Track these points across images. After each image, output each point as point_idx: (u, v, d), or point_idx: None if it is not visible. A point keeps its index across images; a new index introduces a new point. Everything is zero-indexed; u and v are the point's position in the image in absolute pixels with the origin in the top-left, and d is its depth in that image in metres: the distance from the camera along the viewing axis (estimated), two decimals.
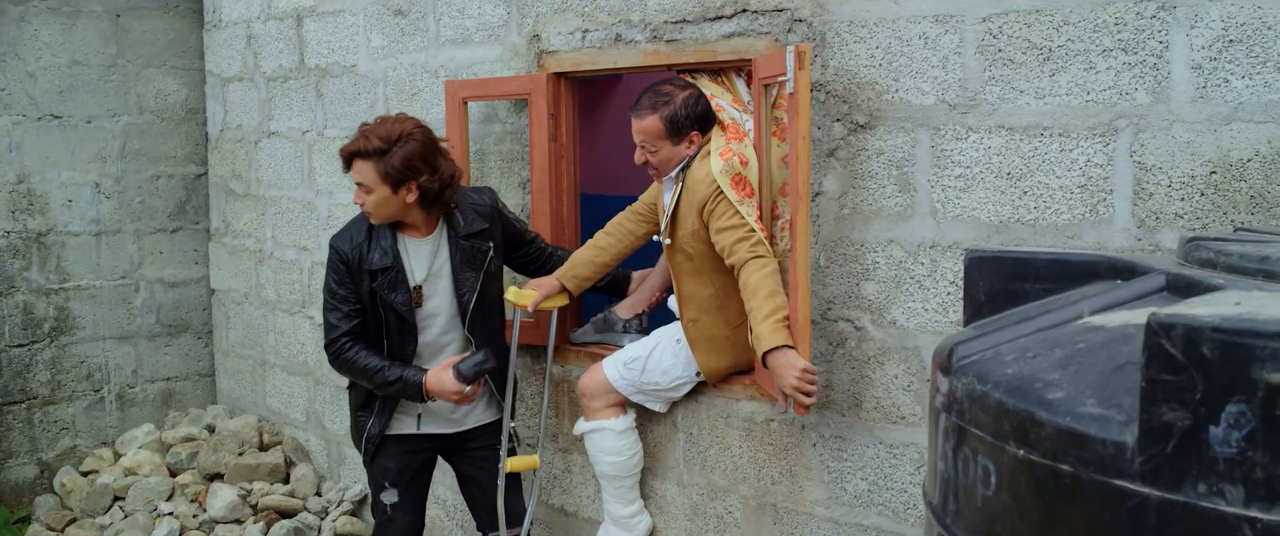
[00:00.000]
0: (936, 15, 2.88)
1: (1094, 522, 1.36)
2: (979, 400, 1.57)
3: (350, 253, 3.28)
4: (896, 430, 3.06)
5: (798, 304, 2.97)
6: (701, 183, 3.20)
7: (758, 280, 3.02)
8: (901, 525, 3.09)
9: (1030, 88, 2.74)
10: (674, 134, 3.28)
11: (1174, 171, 2.53)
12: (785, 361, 2.91)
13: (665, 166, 3.35)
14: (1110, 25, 2.60)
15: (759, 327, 2.97)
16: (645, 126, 3.29)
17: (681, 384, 3.44)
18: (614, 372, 3.45)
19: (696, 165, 3.26)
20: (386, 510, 3.51)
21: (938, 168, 2.92)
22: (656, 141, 3.29)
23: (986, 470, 1.54)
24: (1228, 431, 1.23)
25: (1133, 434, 1.33)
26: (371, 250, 3.28)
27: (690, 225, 3.26)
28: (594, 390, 3.51)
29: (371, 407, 3.43)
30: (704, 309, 3.31)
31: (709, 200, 3.16)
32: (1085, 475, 1.37)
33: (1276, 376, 1.20)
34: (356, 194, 3.24)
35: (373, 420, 3.42)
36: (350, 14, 4.74)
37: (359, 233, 3.32)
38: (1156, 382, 1.28)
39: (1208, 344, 1.24)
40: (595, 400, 3.51)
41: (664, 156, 3.32)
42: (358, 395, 3.48)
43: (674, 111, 3.26)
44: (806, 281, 2.97)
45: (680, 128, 3.27)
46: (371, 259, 3.27)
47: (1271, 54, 2.38)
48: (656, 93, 3.32)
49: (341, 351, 3.31)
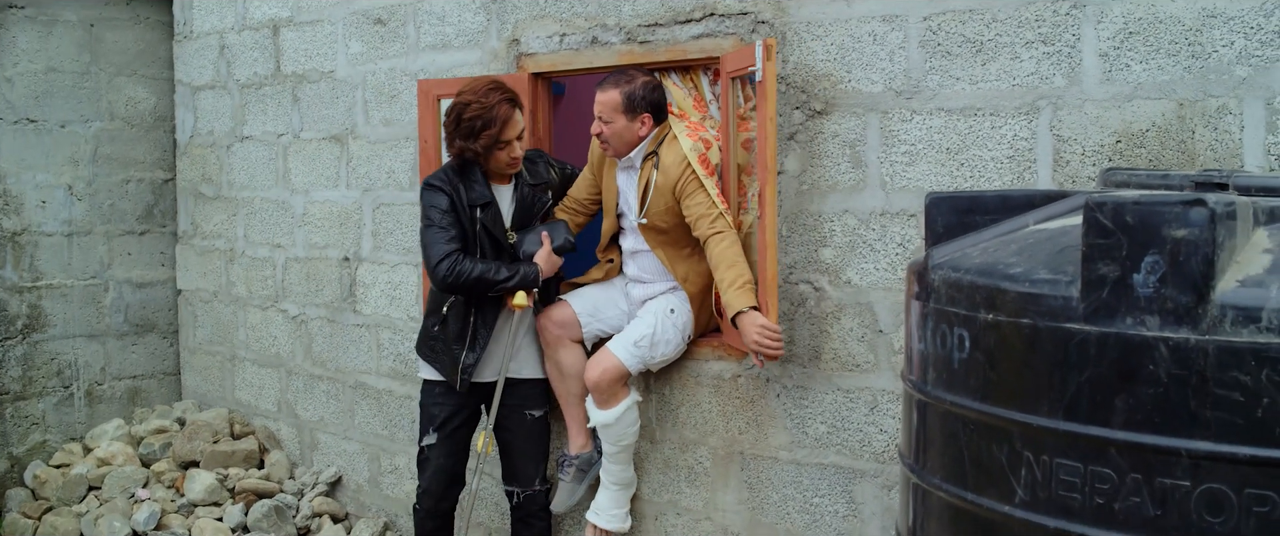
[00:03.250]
0: (884, 15, 3.36)
1: (1049, 359, 1.81)
2: (954, 284, 2.01)
3: (450, 189, 3.73)
4: (852, 377, 3.50)
5: (766, 265, 3.41)
6: (675, 164, 3.63)
7: (720, 252, 3.50)
8: (857, 461, 3.52)
9: (965, 75, 3.22)
10: (629, 110, 3.68)
11: (1086, 142, 3.03)
12: (749, 321, 3.37)
13: (615, 140, 3.73)
14: (1032, 21, 3.10)
15: (727, 295, 3.43)
16: (606, 98, 3.70)
17: (679, 349, 3.82)
18: (626, 355, 3.72)
19: (667, 150, 3.69)
20: (424, 451, 3.96)
21: (886, 146, 3.39)
22: (613, 113, 3.69)
23: (961, 337, 1.98)
24: (1146, 276, 1.69)
25: (1076, 288, 1.78)
26: (470, 189, 3.74)
27: (663, 203, 3.68)
28: (608, 378, 3.72)
29: (465, 340, 3.81)
30: (691, 268, 3.73)
31: (682, 179, 3.60)
32: (1042, 324, 1.81)
33: (1180, 231, 1.65)
34: None
35: (466, 352, 3.82)
36: (329, 24, 5.07)
37: (453, 174, 3.77)
38: (1094, 246, 1.73)
39: (1130, 214, 1.70)
40: (601, 389, 3.74)
41: (616, 129, 3.71)
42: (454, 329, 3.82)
43: (633, 90, 3.69)
44: (774, 245, 3.41)
45: (635, 105, 3.68)
46: (474, 194, 3.73)
47: (1164, 43, 2.90)
48: (621, 73, 3.76)
49: (457, 263, 3.66)
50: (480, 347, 3.83)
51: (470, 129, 3.65)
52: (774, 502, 3.71)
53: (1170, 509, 1.68)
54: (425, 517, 4.08)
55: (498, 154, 3.73)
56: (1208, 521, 1.65)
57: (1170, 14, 2.88)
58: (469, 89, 3.69)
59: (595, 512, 3.96)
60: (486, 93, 3.67)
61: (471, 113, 3.64)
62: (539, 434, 4.00)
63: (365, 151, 4.94)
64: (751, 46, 3.43)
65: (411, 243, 4.69)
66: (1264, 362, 1.61)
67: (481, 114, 3.63)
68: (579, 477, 4.03)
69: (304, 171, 5.26)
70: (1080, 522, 1.77)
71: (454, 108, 3.69)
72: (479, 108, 3.64)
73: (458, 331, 3.84)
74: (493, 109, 3.64)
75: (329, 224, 5.14)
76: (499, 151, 3.72)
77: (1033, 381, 1.83)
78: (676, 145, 3.67)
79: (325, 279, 5.18)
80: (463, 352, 3.84)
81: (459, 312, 3.84)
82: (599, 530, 3.96)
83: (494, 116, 3.63)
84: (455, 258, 3.67)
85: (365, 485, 5.10)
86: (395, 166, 4.80)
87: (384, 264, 4.89)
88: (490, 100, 3.65)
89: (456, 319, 3.84)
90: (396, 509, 4.95)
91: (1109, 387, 1.73)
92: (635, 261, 3.93)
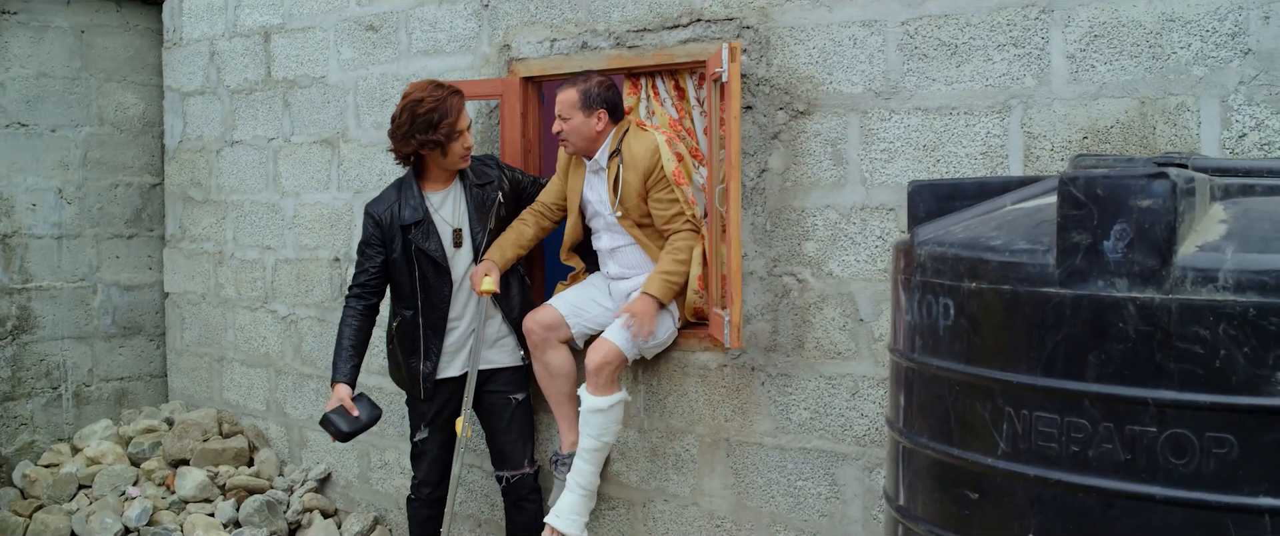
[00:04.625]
0: (863, 20, 3.55)
1: (1028, 321, 1.98)
2: (939, 257, 2.18)
3: (384, 215, 3.95)
4: (834, 364, 3.67)
5: (732, 255, 3.60)
6: (644, 155, 3.82)
7: (671, 247, 3.85)
8: (839, 444, 3.68)
9: (941, 77, 3.41)
10: (586, 106, 3.88)
11: (1055, 138, 3.23)
12: (644, 302, 3.76)
13: (574, 136, 3.93)
14: (1003, 25, 3.29)
15: (649, 278, 3.78)
16: (564, 97, 3.92)
17: (671, 334, 3.98)
18: (623, 341, 3.85)
19: (632, 142, 3.87)
20: (417, 446, 4.17)
21: (866, 144, 3.57)
22: (571, 110, 3.90)
23: (947, 306, 2.15)
24: (1115, 243, 1.86)
25: (1052, 256, 1.95)
26: (403, 208, 3.93)
27: (634, 194, 3.86)
28: (607, 364, 3.84)
29: (419, 352, 4.02)
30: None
31: (654, 171, 3.80)
32: (1021, 289, 1.99)
33: (1145, 202, 1.83)
34: None
35: (422, 362, 4.02)
36: (320, 30, 5.21)
37: (393, 194, 3.98)
38: (1068, 216, 1.91)
39: (1100, 186, 1.88)
40: (603, 374, 3.85)
41: (575, 125, 3.90)
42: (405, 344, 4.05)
43: (588, 87, 3.90)
44: (739, 236, 3.60)
45: (591, 102, 3.89)
46: (405, 214, 3.92)
47: (1127, 45, 3.10)
48: (577, 76, 3.98)
49: (345, 304, 4.04)
50: (435, 354, 4.03)
51: (428, 122, 3.85)
52: (759, 487, 3.86)
53: (1139, 453, 1.85)
54: (421, 506, 4.24)
55: (453, 145, 3.93)
56: (1173, 463, 1.83)
57: (1132, 18, 3.09)
58: (416, 89, 3.91)
59: (556, 515, 4.01)
60: (434, 88, 3.90)
61: (426, 107, 3.85)
62: (523, 417, 4.17)
63: (356, 154, 5.07)
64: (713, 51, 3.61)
65: None
66: (1221, 318, 1.78)
67: (437, 107, 3.85)
68: None
69: (295, 174, 5.37)
70: (1058, 469, 1.93)
71: (405, 107, 3.87)
72: (433, 101, 3.85)
73: (410, 345, 4.07)
74: (445, 101, 3.86)
75: (320, 225, 5.26)
76: (453, 143, 3.92)
77: (1013, 342, 2.00)
78: (644, 137, 3.85)
79: (316, 279, 5.29)
80: (419, 363, 4.04)
81: (406, 328, 4.06)
82: (556, 532, 3.99)
83: (448, 107, 3.86)
84: (350, 302, 4.05)
85: (354, 481, 5.21)
86: (386, 169, 4.92)
87: None
88: (440, 93, 3.88)
89: (405, 334, 4.07)
90: (386, 503, 5.06)
91: (1083, 345, 1.90)
92: (616, 258, 4.08)
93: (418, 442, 4.18)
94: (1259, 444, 1.78)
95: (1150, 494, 1.84)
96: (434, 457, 4.16)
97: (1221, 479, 1.80)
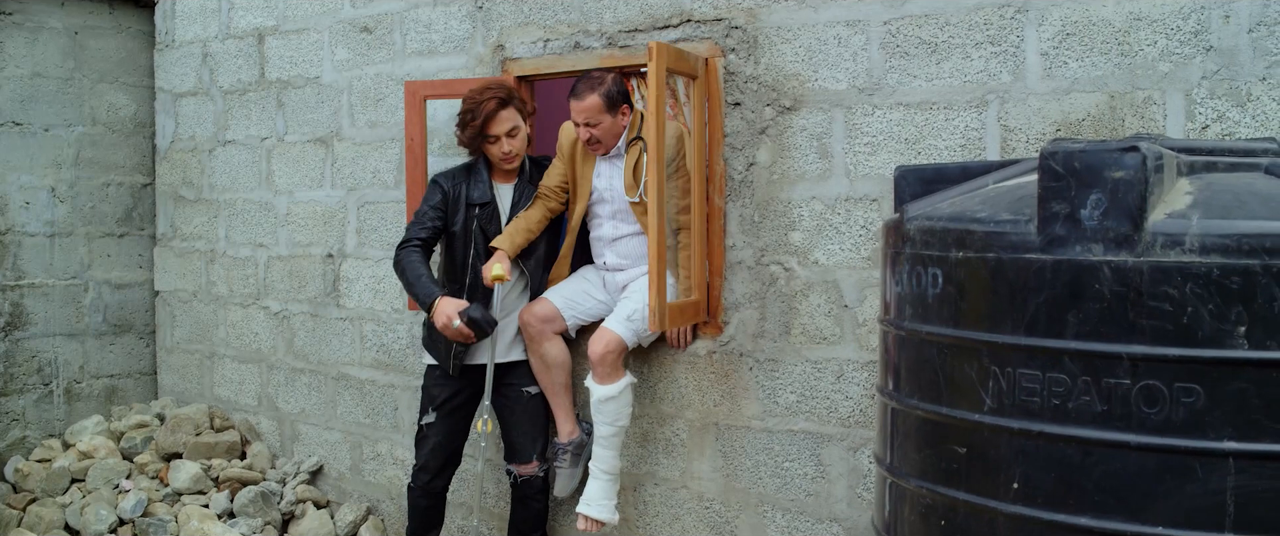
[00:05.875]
0: (847, 20, 3.73)
1: (1011, 285, 2.14)
2: (928, 230, 2.35)
3: (449, 187, 4.14)
4: (820, 349, 3.83)
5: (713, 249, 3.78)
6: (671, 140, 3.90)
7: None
8: (825, 426, 3.84)
9: (922, 73, 3.59)
10: (611, 108, 3.98)
11: (1030, 131, 3.41)
12: None
13: (607, 137, 4.02)
14: (981, 25, 3.48)
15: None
16: (587, 105, 3.95)
17: None
18: (624, 330, 3.95)
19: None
20: (423, 429, 4.27)
21: (850, 138, 3.74)
22: (598, 116, 3.97)
23: (935, 275, 2.31)
24: (1091, 211, 2.04)
25: (1033, 226, 2.12)
26: (473, 188, 4.13)
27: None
28: (612, 352, 3.93)
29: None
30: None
31: (677, 158, 3.94)
32: (1005, 256, 2.15)
33: (1118, 173, 2.00)
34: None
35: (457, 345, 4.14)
36: (314, 32, 5.33)
37: (461, 174, 4.18)
38: (1048, 187, 2.08)
39: (1077, 160, 2.05)
40: (607, 362, 3.93)
41: (605, 128, 4.00)
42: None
43: (608, 88, 3.98)
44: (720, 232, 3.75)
45: (614, 102, 3.99)
46: (475, 194, 4.12)
47: (1097, 43, 3.29)
48: (589, 78, 4.03)
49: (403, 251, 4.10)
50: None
51: (461, 121, 4.04)
52: (747, 468, 4.02)
53: (1115, 404, 2.02)
54: (419, 495, 4.33)
55: (488, 147, 4.08)
56: (1145, 412, 1.99)
57: (1102, 17, 3.28)
58: (473, 90, 4.07)
59: (587, 503, 4.09)
60: (482, 91, 4.04)
61: (464, 107, 4.03)
62: (536, 411, 4.25)
63: (350, 153, 5.20)
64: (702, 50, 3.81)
65: (395, 238, 4.93)
66: (1187, 278, 1.96)
67: (471, 108, 4.01)
68: (575, 461, 4.28)
69: (288, 173, 5.48)
70: (1040, 422, 2.10)
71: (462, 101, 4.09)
72: (470, 103, 4.02)
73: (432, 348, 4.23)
74: (480, 105, 3.99)
75: (313, 222, 5.37)
76: (489, 145, 4.07)
77: (997, 306, 2.17)
78: (669, 125, 3.94)
79: (308, 275, 5.40)
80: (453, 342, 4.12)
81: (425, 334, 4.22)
82: (590, 520, 4.08)
83: (480, 111, 3.99)
84: (408, 247, 4.09)
85: (347, 473, 5.31)
86: (380, 166, 5.06)
87: (368, 259, 5.14)
88: (481, 97, 4.01)
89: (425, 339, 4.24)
90: (378, 493, 5.17)
91: (1062, 306, 2.07)
92: (615, 248, 4.18)
93: (424, 425, 4.27)
94: (1223, 392, 1.95)
95: (1125, 441, 2.01)
96: (436, 444, 4.25)
97: (1189, 425, 1.97)
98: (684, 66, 3.86)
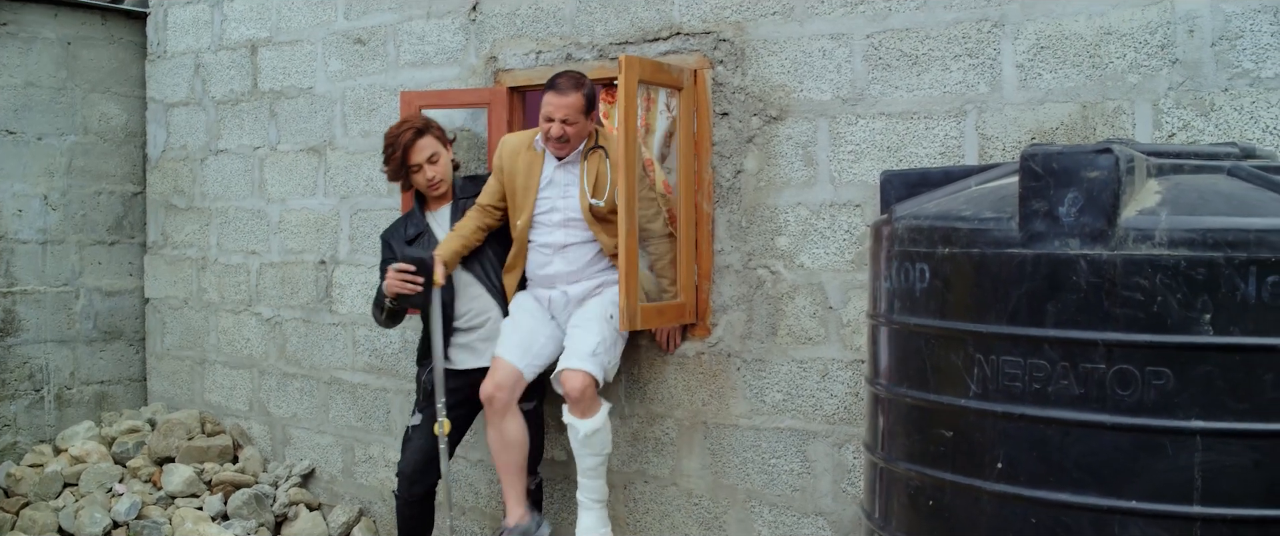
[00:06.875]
0: (832, 33, 3.89)
1: (995, 278, 2.30)
2: (915, 228, 2.50)
3: (393, 236, 4.40)
4: (805, 349, 3.98)
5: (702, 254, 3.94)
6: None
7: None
8: (810, 423, 3.99)
9: (903, 84, 3.76)
10: (588, 109, 4.03)
11: (1006, 139, 3.58)
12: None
13: (576, 139, 4.05)
14: (960, 38, 3.65)
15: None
16: (570, 102, 3.93)
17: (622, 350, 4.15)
18: (592, 366, 3.89)
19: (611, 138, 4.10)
20: (408, 431, 4.37)
21: (834, 146, 3.90)
22: (577, 115, 3.98)
23: (923, 270, 2.47)
24: (1068, 208, 2.20)
25: (1015, 223, 2.28)
26: (407, 225, 4.40)
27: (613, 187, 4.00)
28: (588, 387, 3.89)
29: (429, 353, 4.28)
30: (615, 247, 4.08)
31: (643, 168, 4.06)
32: (989, 251, 2.31)
33: (1093, 173, 2.17)
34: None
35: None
36: (308, 43, 5.45)
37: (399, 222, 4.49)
38: (1028, 187, 2.24)
39: (1055, 160, 2.21)
40: (586, 397, 3.89)
41: (579, 129, 4.01)
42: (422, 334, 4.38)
43: (589, 90, 4.03)
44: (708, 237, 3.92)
45: (592, 105, 4.07)
46: (409, 230, 4.36)
47: (1069, 55, 3.47)
48: (572, 75, 4.03)
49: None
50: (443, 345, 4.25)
51: (386, 157, 4.33)
52: (735, 465, 4.16)
53: (1091, 387, 2.17)
54: (403, 505, 4.38)
55: (414, 177, 4.33)
56: (1119, 394, 2.15)
57: (1074, 32, 3.46)
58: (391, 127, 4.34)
59: (584, 533, 4.06)
60: (398, 126, 4.33)
61: (385, 143, 4.32)
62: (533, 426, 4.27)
63: (343, 161, 5.31)
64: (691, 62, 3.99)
65: None
66: (1157, 270, 2.12)
67: (391, 143, 4.29)
68: None
69: (280, 181, 5.59)
70: (1022, 405, 2.25)
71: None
72: (389, 138, 4.30)
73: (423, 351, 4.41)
74: (398, 138, 4.26)
75: (305, 230, 5.48)
76: (414, 175, 4.32)
77: (981, 297, 2.32)
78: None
79: (301, 282, 5.51)
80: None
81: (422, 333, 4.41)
82: None
83: (398, 143, 4.26)
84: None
85: (338, 475, 5.41)
86: (373, 175, 5.17)
87: (361, 265, 5.25)
88: (399, 130, 4.29)
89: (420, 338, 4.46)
90: (370, 496, 5.27)
91: (1042, 296, 2.22)
92: (564, 256, 4.11)
93: (409, 428, 4.36)
94: (1190, 375, 2.11)
95: (1101, 421, 2.17)
96: (417, 447, 4.29)
97: (1160, 406, 2.13)
98: (662, 78, 4.00)
